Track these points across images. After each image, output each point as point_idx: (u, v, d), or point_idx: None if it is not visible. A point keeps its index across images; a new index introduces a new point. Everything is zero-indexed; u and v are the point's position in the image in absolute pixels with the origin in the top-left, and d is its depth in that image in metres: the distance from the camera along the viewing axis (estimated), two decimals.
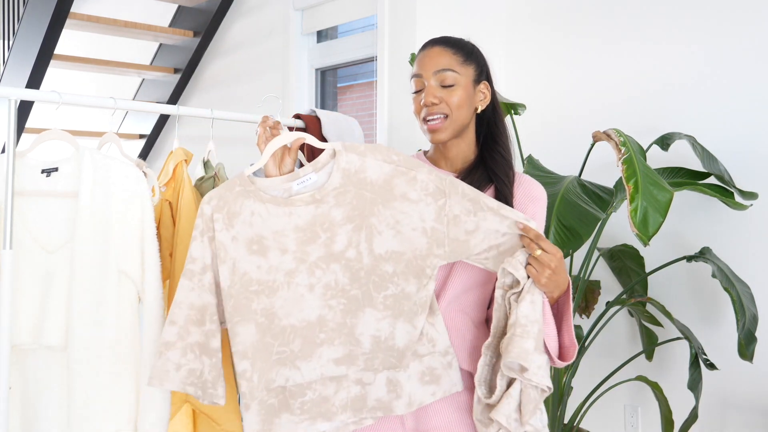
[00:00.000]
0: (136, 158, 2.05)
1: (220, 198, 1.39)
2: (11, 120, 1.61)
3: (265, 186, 1.39)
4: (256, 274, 1.37)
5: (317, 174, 1.39)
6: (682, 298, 2.34)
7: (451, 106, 1.43)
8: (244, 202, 1.38)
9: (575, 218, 1.87)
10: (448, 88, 1.43)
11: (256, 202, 1.38)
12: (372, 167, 1.38)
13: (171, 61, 3.88)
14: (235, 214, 1.38)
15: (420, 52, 1.48)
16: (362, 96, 3.44)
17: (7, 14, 3.76)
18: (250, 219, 1.37)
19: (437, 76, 1.43)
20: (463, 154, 1.49)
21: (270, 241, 1.37)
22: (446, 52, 1.45)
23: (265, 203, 1.38)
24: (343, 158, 1.38)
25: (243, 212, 1.38)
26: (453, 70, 1.43)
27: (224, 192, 1.39)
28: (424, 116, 1.45)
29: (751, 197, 2.12)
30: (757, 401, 2.18)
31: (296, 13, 3.23)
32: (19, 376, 1.63)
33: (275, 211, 1.37)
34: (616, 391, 2.40)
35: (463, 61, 1.45)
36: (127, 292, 1.64)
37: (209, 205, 1.39)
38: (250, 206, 1.38)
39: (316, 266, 1.37)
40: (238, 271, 1.37)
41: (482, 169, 1.47)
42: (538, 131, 2.69)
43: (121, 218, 1.64)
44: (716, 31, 2.29)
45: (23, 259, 1.62)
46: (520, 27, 2.83)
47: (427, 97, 1.43)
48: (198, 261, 1.39)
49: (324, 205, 1.37)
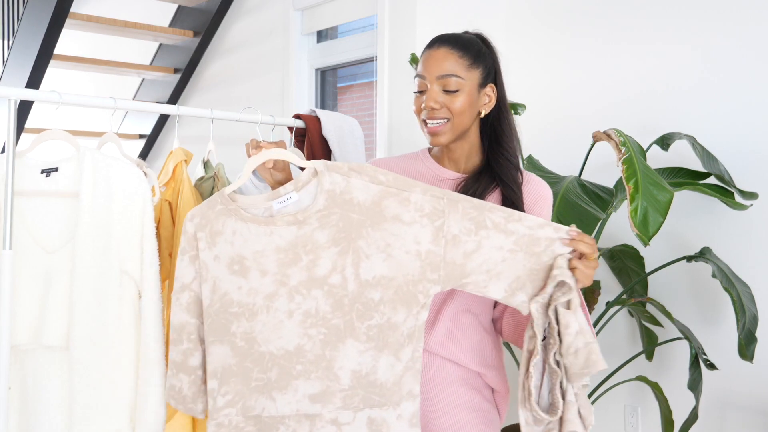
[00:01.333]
0: (136, 158, 2.05)
1: (203, 216, 1.36)
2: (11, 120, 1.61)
3: (246, 204, 1.35)
4: (236, 296, 1.33)
5: (298, 193, 1.33)
6: (682, 298, 2.34)
7: (452, 112, 1.39)
8: (226, 220, 1.35)
9: (575, 218, 1.87)
10: (451, 94, 1.39)
11: (237, 221, 1.34)
12: (358, 188, 1.32)
13: (171, 61, 3.87)
14: (218, 233, 1.35)
15: (426, 51, 1.44)
16: (362, 96, 3.44)
17: (7, 14, 3.76)
18: (232, 238, 1.34)
19: (440, 81, 1.39)
20: (466, 155, 1.47)
21: (250, 261, 1.33)
22: (452, 55, 1.40)
23: (247, 222, 1.34)
24: (326, 179, 1.32)
25: (225, 231, 1.35)
26: (457, 76, 1.39)
27: (206, 210, 1.36)
28: (424, 118, 1.42)
29: (751, 197, 2.12)
30: (757, 401, 2.18)
31: (296, 13, 3.23)
32: (18, 377, 1.63)
33: (256, 231, 1.33)
34: (616, 391, 2.40)
35: (469, 65, 1.41)
36: (129, 291, 1.64)
37: (192, 223, 1.37)
38: (231, 225, 1.34)
39: (296, 291, 1.31)
40: (218, 290, 1.34)
41: (488, 172, 1.44)
42: (538, 131, 2.69)
43: (123, 218, 1.64)
44: (716, 32, 2.29)
45: (23, 259, 1.62)
46: (519, 27, 2.83)
47: (428, 101, 1.40)
48: (178, 279, 1.39)
49: (306, 227, 1.32)
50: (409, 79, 2.64)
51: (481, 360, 1.43)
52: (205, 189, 2.00)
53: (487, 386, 1.46)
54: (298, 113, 2.38)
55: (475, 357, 1.42)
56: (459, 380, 1.43)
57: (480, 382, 1.44)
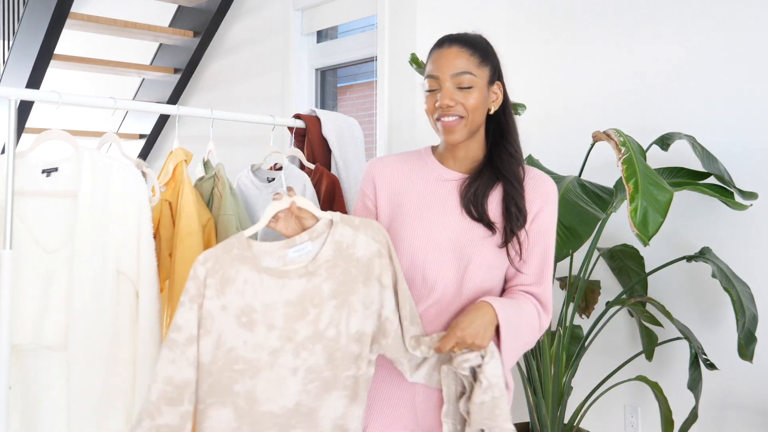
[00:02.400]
0: (136, 158, 2.05)
1: (216, 260, 1.30)
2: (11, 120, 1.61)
3: (262, 251, 1.32)
4: (242, 351, 1.28)
5: (313, 243, 1.35)
6: (682, 298, 2.34)
7: (467, 109, 1.40)
8: (240, 268, 1.30)
9: (575, 218, 1.87)
10: (465, 90, 1.40)
11: (251, 270, 1.30)
12: (362, 244, 1.36)
13: (171, 61, 3.87)
14: (229, 281, 1.29)
15: (436, 51, 1.44)
16: (362, 96, 3.44)
17: (7, 14, 3.76)
18: (243, 287, 1.29)
19: (455, 79, 1.40)
20: (472, 155, 1.48)
21: (259, 314, 1.29)
22: (464, 53, 1.41)
23: (260, 273, 1.31)
24: (338, 230, 1.35)
25: (237, 279, 1.29)
26: (470, 73, 1.40)
27: (222, 254, 1.31)
28: (438, 116, 1.42)
29: (751, 197, 2.12)
30: (757, 401, 2.18)
31: (296, 13, 3.23)
32: (20, 376, 1.64)
33: (269, 283, 1.30)
34: (616, 391, 2.40)
35: (479, 63, 1.42)
36: (126, 292, 1.64)
37: (204, 267, 1.29)
38: (244, 274, 1.30)
39: (302, 347, 1.30)
40: (223, 345, 1.28)
41: (490, 169, 1.45)
42: (538, 131, 2.69)
43: (120, 218, 1.64)
44: (717, 32, 2.29)
45: (23, 259, 1.62)
46: (519, 27, 2.83)
47: (444, 99, 1.39)
48: (183, 330, 1.27)
49: (315, 279, 1.33)
50: (410, 79, 2.64)
51: None
52: (205, 189, 2.00)
53: None
54: (298, 113, 2.38)
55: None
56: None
57: None
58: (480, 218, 1.41)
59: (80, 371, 1.58)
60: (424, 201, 1.45)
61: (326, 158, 2.34)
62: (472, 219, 1.42)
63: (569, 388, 2.22)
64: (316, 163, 2.26)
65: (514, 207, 1.41)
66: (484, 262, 1.40)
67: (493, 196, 1.43)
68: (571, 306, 2.23)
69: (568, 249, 1.85)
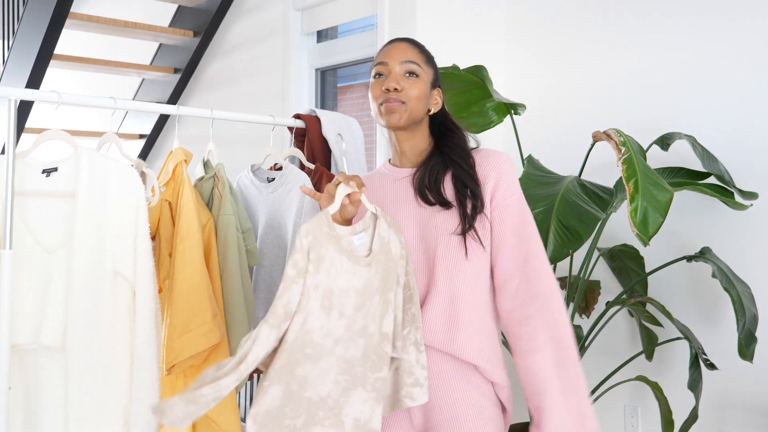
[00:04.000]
0: (136, 158, 2.05)
1: (315, 236, 1.27)
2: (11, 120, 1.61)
3: (340, 234, 1.31)
4: (317, 335, 1.25)
5: (366, 233, 1.36)
6: (682, 298, 2.34)
7: (410, 96, 1.45)
8: (329, 247, 1.28)
9: (575, 218, 1.87)
10: (411, 78, 1.46)
11: (335, 250, 1.28)
12: (394, 241, 1.37)
13: (171, 61, 3.87)
14: (322, 259, 1.26)
15: (385, 46, 1.53)
16: (362, 96, 3.43)
17: (7, 14, 3.76)
18: (329, 268, 1.27)
19: (403, 66, 1.47)
20: (417, 149, 1.52)
21: (336, 298, 1.27)
22: (413, 48, 1.50)
23: (342, 255, 1.29)
24: (381, 224, 1.36)
25: (326, 258, 1.27)
26: (418, 64, 1.48)
27: (317, 228, 1.27)
28: (382, 102, 1.46)
29: (751, 197, 2.12)
30: (757, 401, 2.18)
31: (296, 13, 3.23)
32: (21, 376, 1.64)
33: (347, 267, 1.29)
34: (616, 391, 2.40)
35: (425, 62, 1.50)
36: (122, 293, 1.64)
37: (306, 239, 1.25)
38: (331, 254, 1.27)
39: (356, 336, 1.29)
40: (306, 326, 1.24)
41: (438, 156, 1.49)
42: (538, 131, 2.69)
43: (117, 218, 1.64)
44: (716, 32, 2.29)
45: (24, 259, 1.62)
46: (519, 27, 2.83)
47: (390, 81, 1.45)
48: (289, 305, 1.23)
49: (372, 271, 1.32)
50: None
51: (478, 352, 1.42)
52: (205, 189, 2.00)
53: (486, 381, 1.45)
54: (298, 113, 2.38)
55: (471, 349, 1.42)
56: (456, 375, 1.43)
57: (478, 377, 1.44)
58: (436, 201, 1.43)
59: (78, 372, 1.58)
60: (386, 203, 1.50)
61: (326, 158, 2.34)
62: (429, 205, 1.44)
63: None
64: (316, 163, 2.26)
65: (465, 189, 1.42)
66: (451, 248, 1.41)
67: (447, 180, 1.46)
68: (571, 306, 2.23)
69: (568, 249, 1.84)
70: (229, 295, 1.92)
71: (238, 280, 1.94)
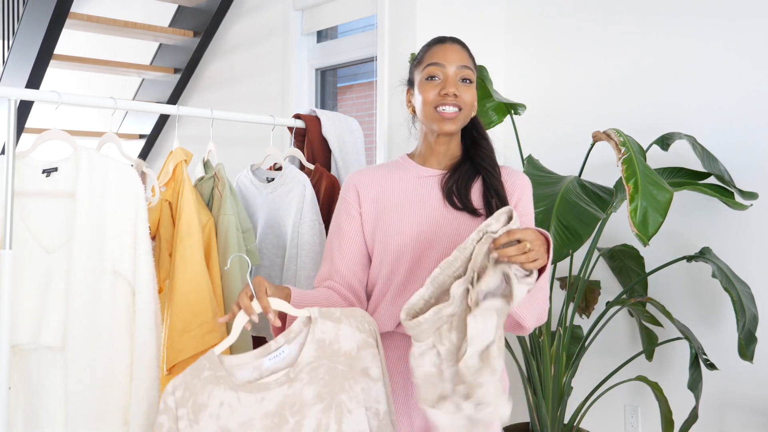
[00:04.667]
0: (136, 158, 2.05)
1: (186, 387, 1.25)
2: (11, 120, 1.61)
3: (234, 365, 1.27)
4: None
5: (290, 346, 1.29)
6: (682, 298, 2.34)
7: (466, 103, 1.46)
8: (213, 390, 1.24)
9: (575, 218, 1.87)
10: (466, 85, 1.46)
11: (226, 389, 1.25)
12: (345, 336, 1.30)
13: (171, 61, 3.87)
14: (202, 407, 1.24)
15: (437, 45, 1.49)
16: (362, 96, 3.43)
17: (7, 14, 3.76)
18: (218, 411, 1.24)
19: (460, 71, 1.46)
20: (452, 152, 1.53)
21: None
22: (464, 51, 1.49)
23: (237, 391, 1.25)
24: (318, 327, 1.28)
25: (211, 404, 1.24)
26: (472, 70, 1.47)
27: (191, 379, 1.25)
28: (438, 105, 1.45)
29: (751, 197, 2.12)
30: (757, 401, 2.18)
31: (296, 13, 3.23)
32: (23, 376, 1.64)
33: (246, 400, 1.25)
34: (616, 391, 2.40)
35: (474, 66, 1.50)
36: (122, 293, 1.64)
37: (173, 396, 1.25)
38: (219, 396, 1.24)
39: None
40: None
41: (469, 164, 1.50)
42: (538, 131, 2.69)
43: (116, 218, 1.64)
44: (716, 31, 2.29)
45: (24, 259, 1.62)
46: (519, 27, 2.83)
47: (450, 87, 1.43)
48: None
49: (297, 384, 1.26)
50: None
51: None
52: (205, 189, 2.00)
53: None
54: (298, 113, 2.38)
55: None
56: None
57: None
58: (464, 207, 1.44)
59: (77, 371, 1.57)
60: (408, 198, 1.49)
61: (326, 158, 2.34)
62: (456, 209, 1.45)
63: (569, 388, 2.22)
64: (315, 163, 2.26)
65: (495, 197, 1.44)
66: None
67: (474, 188, 1.48)
68: (571, 306, 2.23)
69: (568, 249, 1.84)
70: (229, 295, 1.93)
71: (238, 280, 1.94)
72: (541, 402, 2.20)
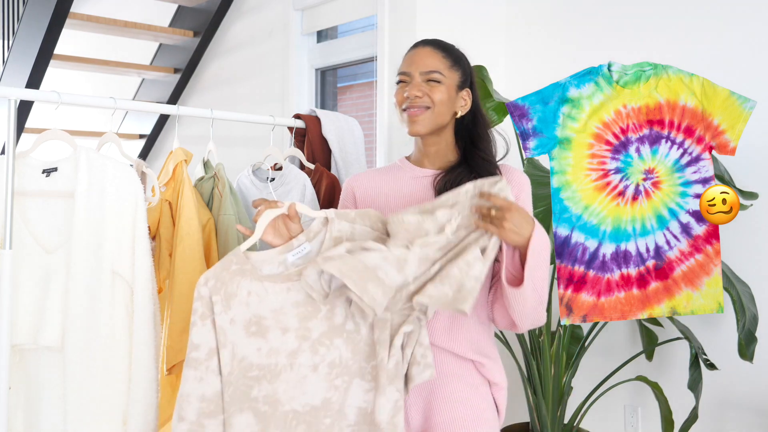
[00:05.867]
0: (136, 158, 2.05)
1: (217, 278, 1.34)
2: (11, 120, 1.61)
3: (260, 260, 1.35)
4: (255, 358, 1.32)
5: (311, 243, 1.37)
6: None
7: (434, 100, 1.46)
8: (241, 281, 1.34)
9: None
10: (433, 84, 1.47)
11: (252, 280, 1.34)
12: (360, 233, 1.37)
13: (171, 61, 3.87)
14: (232, 295, 1.33)
15: (410, 51, 1.52)
16: (362, 96, 3.43)
17: (7, 14, 3.76)
18: (247, 299, 1.33)
19: (425, 75, 1.47)
20: (443, 154, 1.53)
21: (270, 320, 1.33)
22: (436, 54, 1.49)
23: (262, 281, 1.34)
24: (335, 226, 1.37)
25: (240, 293, 1.33)
26: (440, 72, 1.47)
27: (220, 272, 1.35)
28: (405, 107, 1.48)
29: (751, 197, 2.12)
30: (757, 401, 2.18)
31: (296, 13, 3.23)
32: (22, 376, 1.63)
33: (273, 289, 1.33)
34: (616, 391, 2.40)
35: (450, 66, 1.49)
36: (120, 293, 1.63)
37: (206, 287, 1.34)
38: (246, 286, 1.34)
39: (319, 343, 1.32)
40: (237, 355, 1.32)
41: (464, 166, 1.50)
42: None
43: (115, 218, 1.63)
44: (716, 31, 2.29)
45: (24, 259, 1.62)
46: (519, 27, 2.83)
47: (412, 90, 1.47)
48: (202, 347, 1.33)
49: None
50: None
51: (477, 349, 1.44)
52: (205, 189, 2.00)
53: (484, 381, 1.46)
54: (298, 113, 2.38)
55: (471, 346, 1.43)
56: (456, 374, 1.44)
57: (477, 376, 1.45)
58: None
59: (76, 372, 1.57)
60: (401, 198, 1.52)
61: (326, 158, 2.34)
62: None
63: (569, 388, 2.22)
64: (316, 163, 2.26)
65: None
66: None
67: None
68: None
69: None
70: None
71: None
72: (541, 402, 2.20)
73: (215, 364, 1.32)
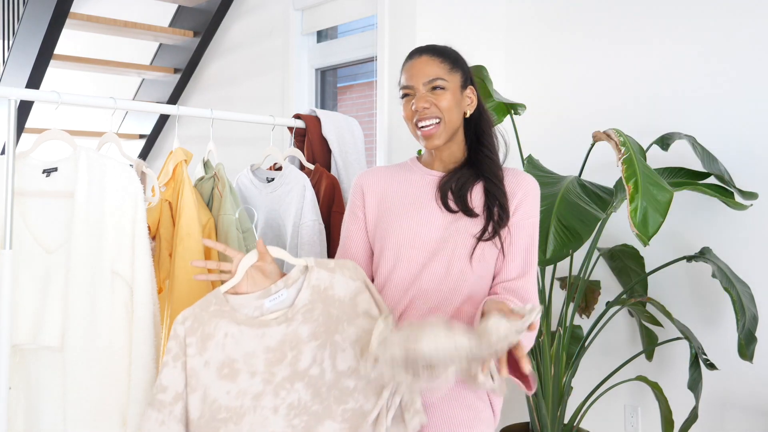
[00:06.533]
0: (136, 158, 2.05)
1: (195, 318, 1.37)
2: (11, 120, 1.61)
3: (239, 304, 1.38)
4: (225, 400, 1.34)
5: (288, 290, 1.40)
6: (682, 298, 2.34)
7: (442, 110, 1.46)
8: (219, 322, 1.36)
9: (575, 218, 1.87)
10: (438, 92, 1.47)
11: (230, 323, 1.37)
12: (340, 284, 1.41)
13: (171, 61, 3.87)
14: (210, 336, 1.36)
15: (408, 62, 1.52)
16: (362, 96, 3.43)
17: (7, 14, 3.76)
18: (224, 341, 1.36)
19: (427, 86, 1.47)
20: (454, 156, 1.54)
21: (241, 363, 1.36)
22: (434, 60, 1.49)
23: (240, 324, 1.37)
24: (314, 275, 1.41)
25: (217, 334, 1.36)
26: (442, 78, 1.47)
27: (199, 312, 1.37)
28: (416, 121, 1.48)
29: (751, 197, 2.12)
30: (757, 401, 2.18)
31: (296, 13, 3.23)
32: (23, 376, 1.63)
33: (249, 333, 1.37)
34: (616, 391, 2.40)
35: (450, 69, 1.49)
36: (120, 293, 1.63)
37: (183, 326, 1.36)
38: (224, 327, 1.36)
39: (281, 387, 1.36)
40: (208, 399, 1.34)
41: (469, 168, 1.51)
42: (538, 131, 2.69)
43: (115, 218, 1.63)
44: (716, 31, 2.29)
45: (24, 259, 1.62)
46: (520, 27, 2.83)
47: (419, 102, 1.46)
48: (169, 389, 1.34)
49: (294, 323, 1.38)
50: None
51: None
52: (205, 189, 2.00)
53: None
54: (298, 113, 2.38)
55: None
56: None
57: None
58: (460, 209, 1.45)
59: (76, 372, 1.57)
60: (408, 199, 1.52)
61: (326, 158, 2.34)
62: (451, 212, 1.46)
63: (569, 388, 2.22)
64: (315, 164, 2.26)
65: (496, 205, 1.45)
66: (467, 251, 1.43)
67: (476, 190, 1.49)
68: (571, 306, 2.23)
69: (568, 249, 1.84)
70: None
71: None
72: (541, 402, 2.20)
73: (179, 410, 1.34)
